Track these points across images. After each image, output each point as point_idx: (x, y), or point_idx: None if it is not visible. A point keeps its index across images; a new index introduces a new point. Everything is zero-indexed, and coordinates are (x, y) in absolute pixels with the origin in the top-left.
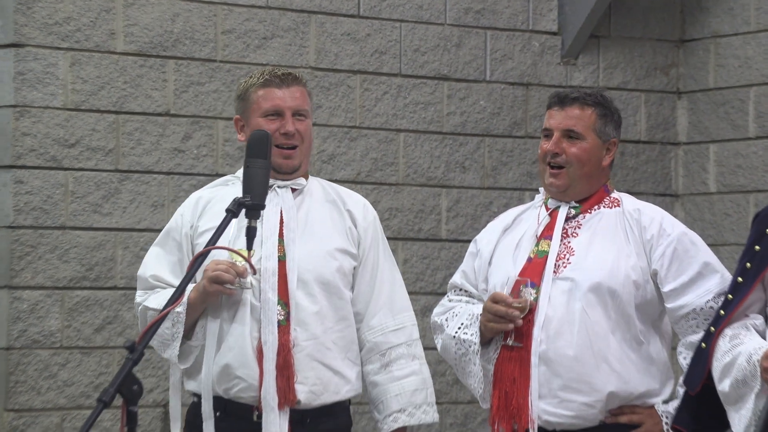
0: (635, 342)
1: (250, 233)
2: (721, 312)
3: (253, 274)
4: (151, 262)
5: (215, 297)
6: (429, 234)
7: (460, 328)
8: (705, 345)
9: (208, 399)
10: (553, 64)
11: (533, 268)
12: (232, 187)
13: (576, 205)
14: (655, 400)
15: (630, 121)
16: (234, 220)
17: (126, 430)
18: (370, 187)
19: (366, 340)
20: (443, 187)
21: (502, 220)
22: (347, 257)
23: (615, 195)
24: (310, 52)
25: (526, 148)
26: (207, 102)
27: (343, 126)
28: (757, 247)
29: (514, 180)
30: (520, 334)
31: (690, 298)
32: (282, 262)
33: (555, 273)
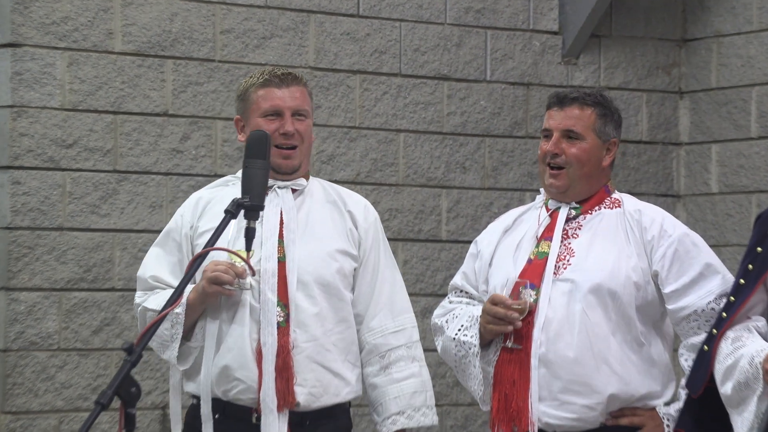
0: (636, 343)
1: (249, 234)
2: (723, 314)
3: (252, 275)
4: (150, 263)
5: (214, 298)
6: (429, 235)
7: (460, 330)
8: (707, 347)
9: (207, 401)
10: (554, 64)
11: (533, 270)
12: (232, 187)
13: (576, 206)
14: (657, 402)
15: (631, 121)
16: (234, 221)
17: None
18: (370, 187)
19: (366, 342)
20: (443, 187)
21: (502, 221)
22: (348, 258)
23: (616, 195)
24: (310, 51)
25: (527, 148)
26: (205, 102)
27: (343, 126)
28: (759, 249)
29: (514, 180)
30: (520, 336)
31: (691, 299)
32: (282, 263)
33: (555, 274)
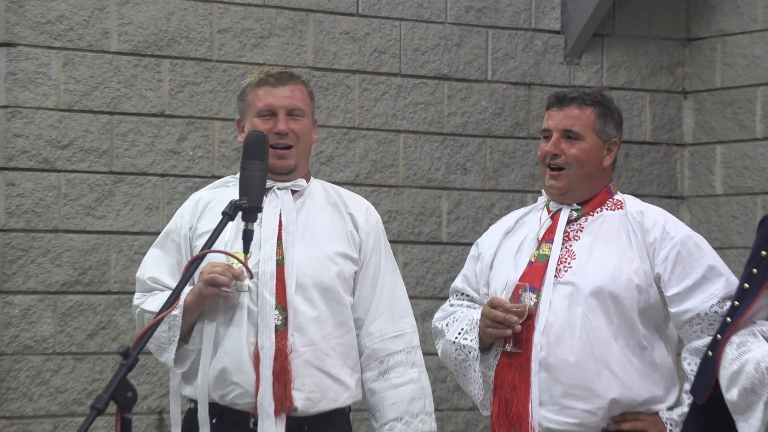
0: (638, 347)
1: (247, 236)
2: (728, 319)
3: (250, 277)
4: (149, 264)
5: (211, 300)
6: (429, 237)
7: (460, 334)
8: (711, 353)
9: (204, 405)
10: (556, 64)
11: (534, 273)
12: (232, 188)
13: (578, 207)
14: (659, 407)
15: (635, 121)
16: (233, 223)
17: None
18: (370, 189)
19: (365, 347)
20: (444, 189)
21: (503, 223)
22: (348, 262)
23: (618, 197)
24: (308, 51)
25: (529, 149)
26: (203, 102)
27: (342, 127)
28: (763, 252)
29: (516, 182)
30: (521, 340)
31: (694, 302)
32: (280, 265)
33: (556, 277)
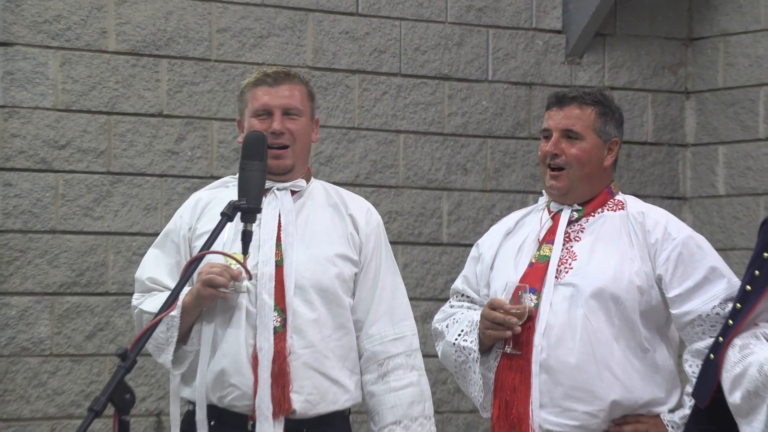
0: (640, 349)
1: (246, 237)
2: (730, 321)
3: (249, 279)
4: (149, 264)
5: (209, 300)
6: (430, 238)
7: (460, 335)
8: (713, 356)
9: (201, 407)
10: (557, 64)
11: (534, 274)
12: (232, 188)
13: (579, 208)
14: (661, 409)
15: (636, 121)
16: (232, 224)
17: None
18: (369, 189)
19: (364, 349)
20: (444, 189)
21: (504, 224)
22: (348, 264)
23: (619, 197)
24: (308, 51)
25: (530, 149)
26: (201, 102)
27: (342, 127)
28: (765, 255)
29: (517, 182)
30: (521, 342)
31: (696, 304)
32: (279, 267)
33: (557, 278)
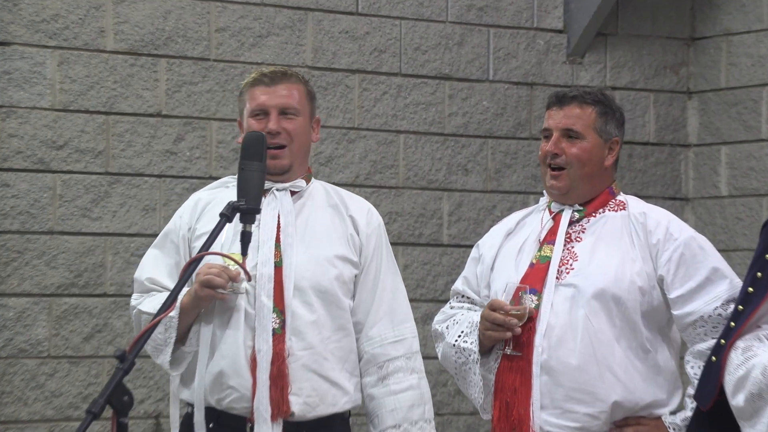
0: (641, 350)
1: (245, 238)
2: (732, 324)
3: (248, 280)
4: (148, 265)
5: (207, 301)
6: (430, 239)
7: (460, 336)
8: (715, 358)
9: (200, 409)
10: (559, 63)
11: (535, 274)
12: (232, 189)
13: (580, 208)
14: (662, 411)
15: (638, 122)
16: (231, 224)
17: None
18: (369, 190)
19: (364, 351)
20: (445, 190)
21: (505, 224)
22: (347, 265)
23: (621, 197)
24: (307, 50)
25: (531, 150)
26: (200, 102)
27: (341, 127)
28: (767, 256)
29: (518, 183)
30: (521, 343)
31: (697, 305)
32: (278, 268)
33: (558, 279)
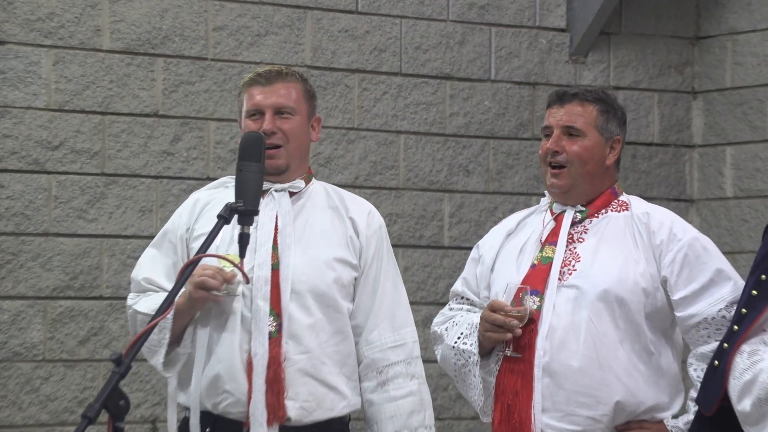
0: (645, 353)
1: (243, 240)
2: (735, 327)
3: (246, 282)
4: (145, 264)
5: (202, 303)
6: (431, 241)
7: (459, 338)
8: (718, 362)
9: (195, 413)
10: (561, 63)
11: (537, 275)
12: (232, 189)
13: (582, 209)
14: (664, 415)
15: (642, 122)
16: (229, 226)
17: None
18: (369, 191)
19: (364, 356)
20: (446, 191)
21: (505, 225)
22: (347, 268)
23: (623, 198)
24: (306, 49)
25: (533, 150)
26: (197, 102)
27: (341, 127)
28: None
29: (520, 184)
30: (522, 345)
31: (701, 306)
32: (276, 270)
33: (560, 280)
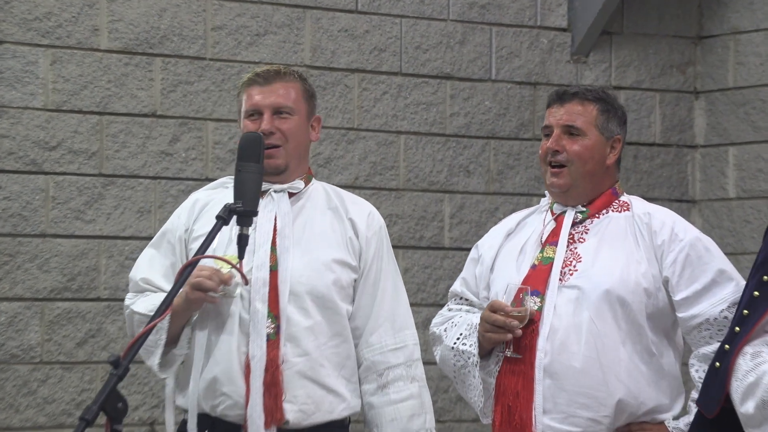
0: (646, 354)
1: (242, 241)
2: (737, 328)
3: (246, 284)
4: (143, 265)
5: (198, 304)
6: (431, 242)
7: (458, 339)
8: (719, 364)
9: (193, 415)
10: (563, 62)
11: (537, 276)
12: (231, 190)
13: (583, 209)
14: (665, 416)
15: (644, 122)
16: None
17: None
18: (369, 192)
19: (364, 358)
20: (446, 192)
21: (505, 225)
22: (346, 269)
23: (624, 198)
24: (305, 49)
25: (534, 151)
26: (196, 102)
27: (341, 128)
28: None
29: (521, 185)
30: (523, 346)
31: (703, 307)
32: (274, 272)
33: (561, 281)
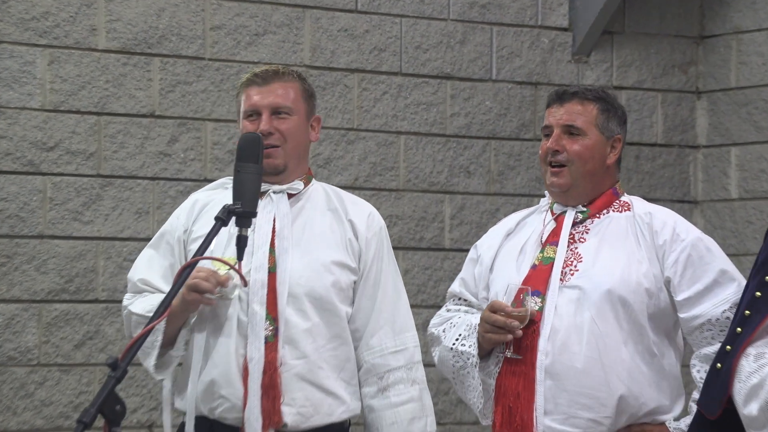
0: (648, 354)
1: (241, 243)
2: (738, 329)
3: (245, 285)
4: (141, 265)
5: (195, 306)
6: (431, 243)
7: (458, 340)
8: (721, 365)
9: (191, 418)
10: (564, 62)
11: (538, 276)
12: (230, 191)
13: (583, 209)
14: (666, 417)
15: (646, 122)
16: (226, 227)
17: None
18: (369, 193)
19: (364, 361)
20: (446, 193)
21: (504, 225)
22: (345, 271)
23: (625, 198)
24: (305, 49)
25: (535, 151)
26: (195, 102)
27: (340, 128)
28: None
29: (521, 185)
30: (524, 346)
31: (705, 307)
32: (272, 274)
33: (561, 281)
